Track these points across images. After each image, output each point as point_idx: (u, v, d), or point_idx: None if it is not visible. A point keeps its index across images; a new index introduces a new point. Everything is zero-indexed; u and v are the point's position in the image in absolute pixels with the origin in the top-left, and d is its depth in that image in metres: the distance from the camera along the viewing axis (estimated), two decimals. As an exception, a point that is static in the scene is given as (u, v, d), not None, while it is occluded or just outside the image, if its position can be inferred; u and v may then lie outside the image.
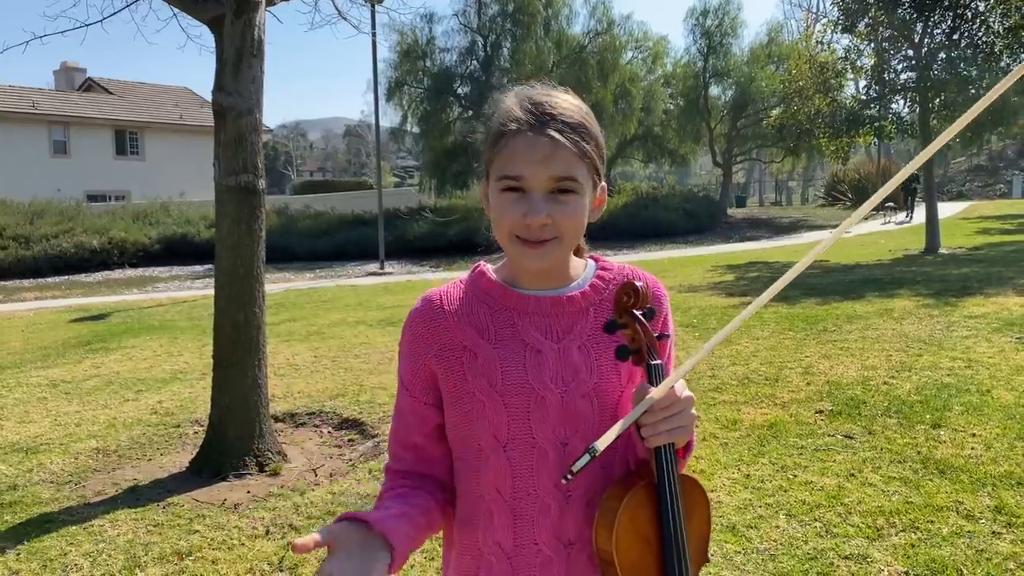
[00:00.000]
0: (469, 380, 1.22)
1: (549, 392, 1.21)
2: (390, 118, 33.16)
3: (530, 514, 1.23)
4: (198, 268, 21.83)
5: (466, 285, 1.30)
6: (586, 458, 1.09)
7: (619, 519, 1.14)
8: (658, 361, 1.17)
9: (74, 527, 3.95)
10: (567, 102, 1.21)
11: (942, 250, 15.74)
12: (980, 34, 15.18)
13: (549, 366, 1.22)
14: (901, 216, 24.71)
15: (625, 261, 1.37)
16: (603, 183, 1.27)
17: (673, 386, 1.13)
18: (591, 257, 1.36)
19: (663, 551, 1.17)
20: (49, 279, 20.39)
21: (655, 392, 1.12)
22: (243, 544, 3.69)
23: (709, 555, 1.28)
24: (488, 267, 1.33)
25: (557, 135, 1.15)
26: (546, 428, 1.21)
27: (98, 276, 20.96)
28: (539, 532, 1.23)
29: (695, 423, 1.17)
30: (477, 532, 1.27)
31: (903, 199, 25.46)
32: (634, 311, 1.19)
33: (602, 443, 1.10)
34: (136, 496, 4.38)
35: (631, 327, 1.19)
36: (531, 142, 1.15)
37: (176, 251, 23.62)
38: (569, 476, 1.11)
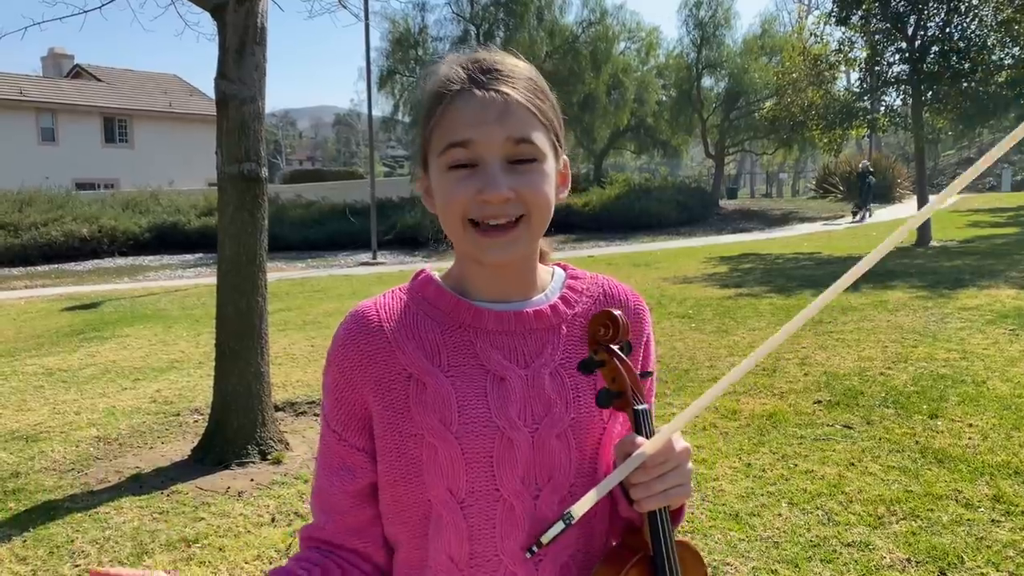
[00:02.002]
0: (416, 418, 0.98)
1: (517, 432, 0.98)
2: (381, 107, 33.04)
3: None
4: (189, 257, 21.70)
5: (408, 295, 1.06)
6: (559, 526, 0.94)
7: None
8: (645, 406, 0.99)
9: (79, 514, 3.95)
10: (510, 59, 1.02)
11: (933, 243, 15.84)
12: (973, 28, 15.26)
13: (516, 398, 0.99)
14: (864, 215, 24.41)
15: (618, 253, 1.18)
16: (564, 157, 1.06)
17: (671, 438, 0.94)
18: (558, 265, 1.14)
19: None
20: (39, 267, 20.24)
21: (648, 446, 0.93)
22: (249, 531, 3.70)
23: None
24: (435, 273, 1.09)
25: (509, 91, 0.96)
26: (513, 477, 0.98)
27: (88, 265, 20.81)
28: None
29: (691, 480, 0.98)
30: None
31: (860, 197, 24.80)
32: (611, 346, 1.00)
33: (579, 509, 0.94)
34: (139, 484, 4.39)
35: (610, 365, 0.99)
36: (479, 101, 0.95)
37: (166, 240, 23.44)
38: (535, 548, 0.96)
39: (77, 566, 3.40)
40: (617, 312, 0.99)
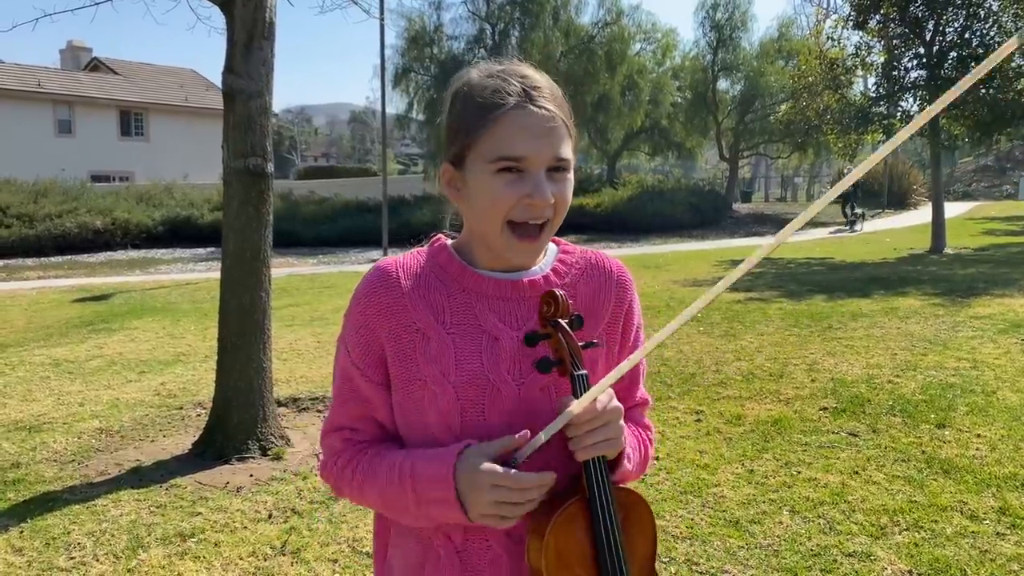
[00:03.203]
0: (421, 365, 1.15)
1: (506, 385, 1.15)
2: (396, 105, 33.10)
3: None
4: (200, 251, 21.81)
5: (424, 258, 1.22)
6: (509, 470, 1.09)
7: (549, 533, 1.10)
8: (583, 372, 1.13)
9: (77, 506, 3.95)
10: (543, 77, 1.16)
11: (948, 250, 15.71)
12: (992, 33, 15.10)
13: (506, 356, 1.15)
14: (858, 226, 23.39)
15: (629, 254, 1.31)
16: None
17: (597, 399, 1.09)
18: (551, 240, 1.27)
19: (598, 569, 1.13)
20: (52, 259, 20.38)
21: (575, 406, 1.08)
22: (246, 527, 3.68)
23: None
24: (449, 241, 1.25)
25: (553, 108, 1.11)
26: (500, 422, 1.14)
27: (101, 257, 20.95)
28: (490, 529, 1.16)
29: (623, 436, 1.14)
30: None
31: (844, 211, 24.12)
32: (557, 320, 1.14)
33: (521, 455, 1.09)
34: (139, 477, 4.38)
35: (554, 337, 1.14)
36: (531, 118, 1.09)
37: (179, 233, 23.58)
38: None
39: (72, 558, 3.40)
40: (560, 292, 1.14)
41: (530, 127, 1.09)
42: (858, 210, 23.96)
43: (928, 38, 15.43)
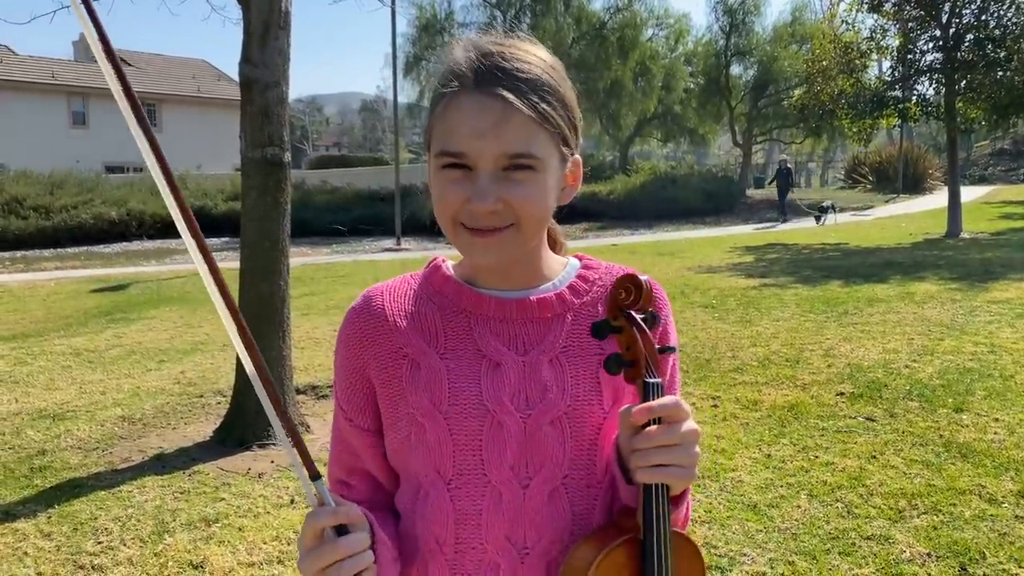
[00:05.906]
0: (409, 397, 0.99)
1: (508, 416, 0.96)
2: (407, 93, 33.12)
3: (472, 574, 0.99)
4: (215, 241, 21.91)
5: (418, 281, 1.07)
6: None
7: None
8: (657, 380, 0.91)
9: (103, 492, 4.02)
10: (527, 53, 0.94)
11: (964, 234, 15.59)
12: (1010, 15, 14.93)
13: (509, 383, 0.98)
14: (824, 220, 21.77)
15: (642, 241, 1.13)
16: (576, 156, 1.01)
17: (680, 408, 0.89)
18: (575, 256, 1.11)
19: None
20: (68, 249, 20.57)
21: (656, 403, 0.89)
22: (269, 512, 3.74)
23: None
24: (448, 262, 1.09)
25: (509, 95, 0.90)
26: (502, 462, 0.96)
27: (116, 247, 21.14)
28: (486, 534, 0.98)
29: (696, 468, 0.91)
30: None
31: (780, 200, 23.33)
32: (632, 313, 0.94)
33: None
34: (162, 464, 4.45)
35: (627, 332, 0.93)
36: (476, 106, 0.90)
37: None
38: None
39: (100, 543, 3.46)
40: (644, 277, 0.94)
41: (473, 120, 0.91)
42: (827, 202, 23.06)
43: (944, 20, 15.26)
